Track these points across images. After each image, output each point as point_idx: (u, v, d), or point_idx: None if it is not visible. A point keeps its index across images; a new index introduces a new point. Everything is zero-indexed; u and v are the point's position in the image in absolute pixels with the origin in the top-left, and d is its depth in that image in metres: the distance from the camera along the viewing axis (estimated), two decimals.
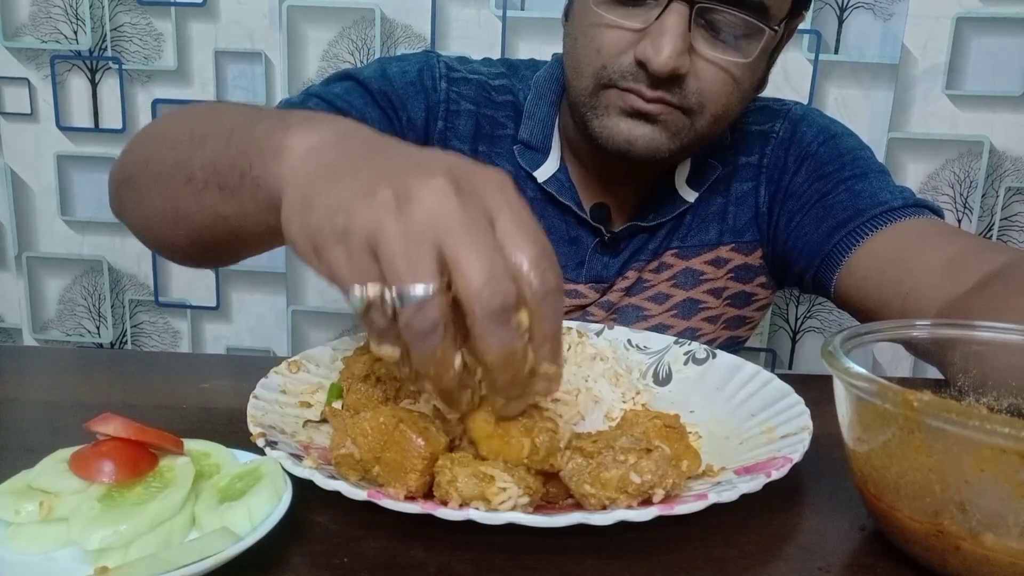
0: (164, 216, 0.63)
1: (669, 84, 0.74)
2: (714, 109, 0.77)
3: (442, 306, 0.39)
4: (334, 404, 0.58)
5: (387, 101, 0.84)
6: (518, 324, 0.40)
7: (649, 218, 0.87)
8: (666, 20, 0.71)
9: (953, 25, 1.38)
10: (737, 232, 0.90)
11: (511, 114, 0.89)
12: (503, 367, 0.41)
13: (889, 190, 0.83)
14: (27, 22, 1.52)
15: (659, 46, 0.71)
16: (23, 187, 1.60)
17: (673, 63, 0.71)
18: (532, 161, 0.87)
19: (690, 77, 0.74)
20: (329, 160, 0.46)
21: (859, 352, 0.49)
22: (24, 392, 0.67)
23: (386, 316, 0.40)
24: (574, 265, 0.89)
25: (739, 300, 0.92)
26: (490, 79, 0.90)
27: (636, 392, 0.62)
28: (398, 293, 0.39)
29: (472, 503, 0.43)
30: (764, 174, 0.89)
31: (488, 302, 0.38)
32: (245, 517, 0.41)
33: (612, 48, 0.75)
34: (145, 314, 1.66)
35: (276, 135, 0.50)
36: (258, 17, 1.48)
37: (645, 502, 0.44)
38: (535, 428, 0.45)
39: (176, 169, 0.60)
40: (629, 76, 0.75)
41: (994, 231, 1.48)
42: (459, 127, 0.87)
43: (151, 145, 0.66)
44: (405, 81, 0.85)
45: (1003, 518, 0.38)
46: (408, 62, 0.88)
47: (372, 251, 0.39)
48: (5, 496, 0.42)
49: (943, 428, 0.38)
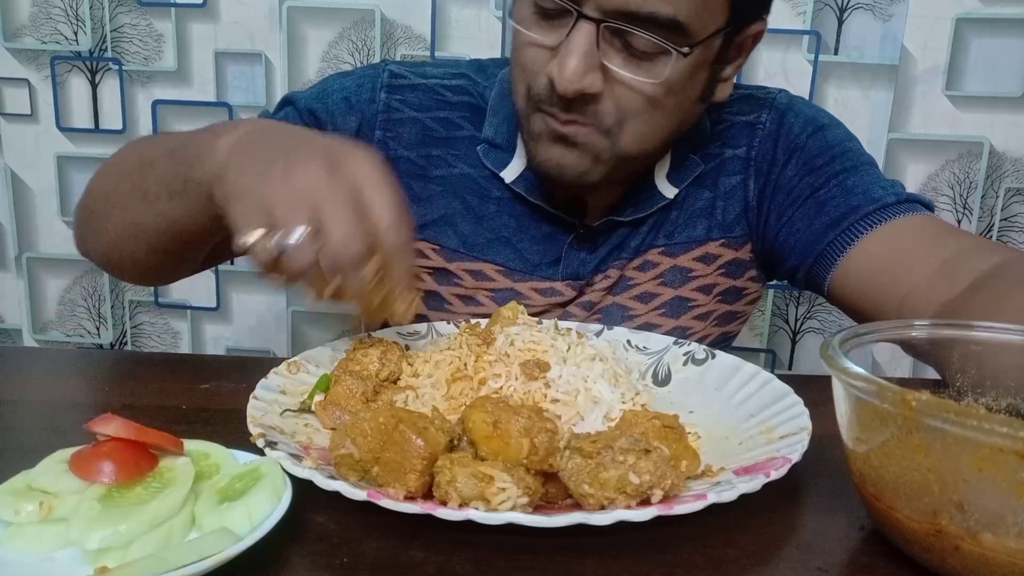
0: (125, 234, 0.75)
1: (581, 105, 0.72)
2: (637, 126, 0.74)
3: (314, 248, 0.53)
4: (317, 396, 0.59)
5: (313, 119, 0.87)
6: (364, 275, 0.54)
7: (626, 213, 0.86)
8: (572, 39, 0.69)
9: (953, 25, 1.38)
10: (726, 227, 0.89)
11: (467, 114, 0.89)
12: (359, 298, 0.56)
13: (881, 185, 0.82)
14: (27, 23, 1.52)
15: (563, 65, 0.69)
16: (23, 187, 1.60)
17: (577, 83, 0.70)
18: (497, 161, 0.87)
19: (605, 97, 0.72)
20: (244, 150, 0.60)
21: (858, 352, 0.49)
22: (24, 392, 0.67)
23: (270, 253, 0.54)
24: (549, 262, 0.87)
25: (730, 296, 0.92)
26: (443, 80, 0.90)
27: (635, 392, 0.62)
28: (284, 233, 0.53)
29: (471, 503, 0.43)
30: (752, 167, 0.88)
31: (341, 257, 0.53)
32: (245, 517, 0.41)
33: (532, 66, 0.74)
34: (145, 315, 1.66)
35: (206, 143, 0.63)
36: (258, 17, 1.48)
37: (644, 502, 0.44)
38: (534, 429, 0.46)
39: (133, 191, 0.72)
40: (546, 97, 0.74)
41: (994, 231, 1.48)
42: (402, 134, 0.88)
43: (108, 181, 0.78)
44: (339, 97, 0.88)
45: (1002, 518, 0.38)
46: (350, 77, 0.90)
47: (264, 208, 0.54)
48: (5, 496, 0.43)
49: (942, 428, 0.38)
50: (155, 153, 0.72)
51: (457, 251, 0.88)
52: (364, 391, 0.59)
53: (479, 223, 0.87)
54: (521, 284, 0.87)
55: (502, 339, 0.63)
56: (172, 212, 0.68)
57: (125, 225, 0.75)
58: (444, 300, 0.89)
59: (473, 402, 0.49)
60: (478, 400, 0.49)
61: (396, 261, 0.56)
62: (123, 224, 0.75)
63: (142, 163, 0.73)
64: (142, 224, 0.73)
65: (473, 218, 0.88)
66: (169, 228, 0.71)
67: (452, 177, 0.88)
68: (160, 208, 0.69)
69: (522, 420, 0.46)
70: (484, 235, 0.87)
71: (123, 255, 0.78)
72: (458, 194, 0.88)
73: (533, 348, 0.62)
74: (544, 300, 0.88)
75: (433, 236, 0.88)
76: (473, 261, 0.88)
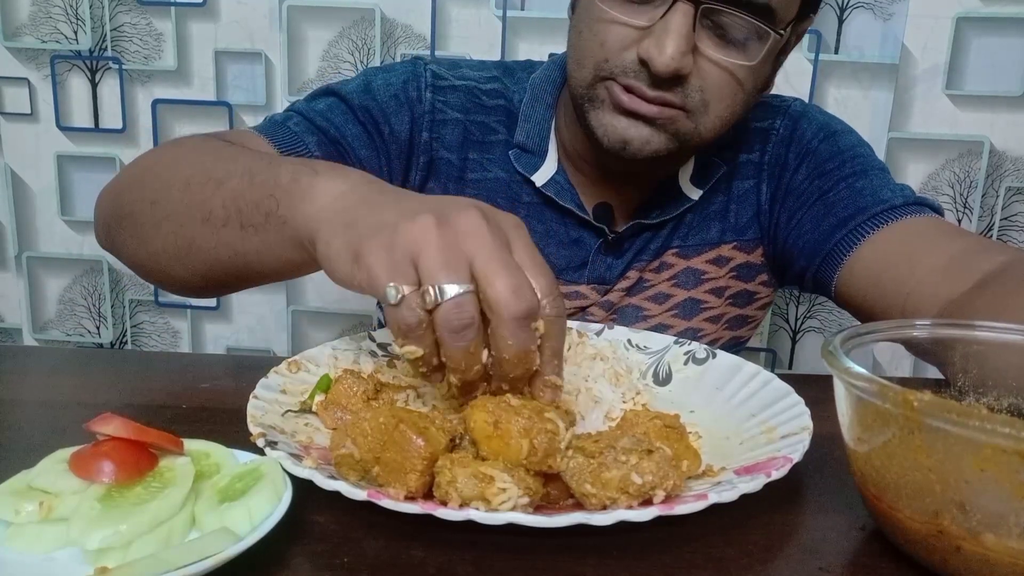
0: (175, 252, 0.67)
1: (670, 84, 0.74)
2: (718, 110, 0.76)
3: (476, 304, 0.46)
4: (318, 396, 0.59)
5: (368, 116, 0.84)
6: (535, 329, 0.47)
7: (653, 215, 0.87)
8: (671, 19, 0.71)
9: (953, 25, 1.38)
10: (739, 230, 0.90)
11: (503, 118, 0.89)
12: (518, 363, 0.48)
13: (890, 188, 0.83)
14: (27, 22, 1.52)
15: (663, 45, 0.71)
16: (23, 187, 1.60)
17: (676, 64, 0.71)
18: (529, 165, 0.87)
19: (693, 77, 0.74)
20: (360, 200, 0.52)
21: (859, 352, 0.49)
22: (24, 392, 0.67)
23: (416, 314, 0.46)
24: (575, 267, 0.88)
25: (741, 299, 0.92)
26: (480, 83, 0.90)
27: (636, 392, 0.62)
28: (439, 290, 0.45)
29: (472, 503, 0.43)
30: (765, 171, 0.89)
31: (516, 308, 0.45)
32: (245, 517, 0.41)
33: (616, 43, 0.75)
34: (145, 314, 1.66)
35: (303, 179, 0.55)
36: (258, 17, 1.48)
37: (645, 502, 0.44)
38: (534, 429, 0.45)
39: (193, 208, 0.63)
40: (631, 73, 0.74)
41: (994, 231, 1.48)
42: (445, 136, 0.87)
43: (155, 185, 0.68)
44: (389, 94, 0.85)
45: (1003, 518, 0.38)
46: (393, 73, 0.87)
47: (412, 260, 0.46)
48: (5, 496, 0.42)
49: (943, 428, 0.38)
50: (225, 170, 0.63)
51: None
52: (365, 391, 0.59)
53: None
54: None
55: None
56: (242, 245, 0.60)
57: (178, 245, 0.66)
58: None
59: (474, 402, 0.49)
60: (479, 400, 0.49)
61: (552, 335, 0.48)
62: (174, 240, 0.66)
63: (208, 177, 0.63)
64: (200, 248, 0.64)
65: None
66: (233, 260, 0.62)
67: (486, 181, 0.88)
68: (227, 237, 0.61)
69: (522, 420, 0.46)
70: None
71: (167, 269, 0.70)
72: (491, 198, 0.88)
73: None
74: (568, 304, 0.88)
75: None
76: None
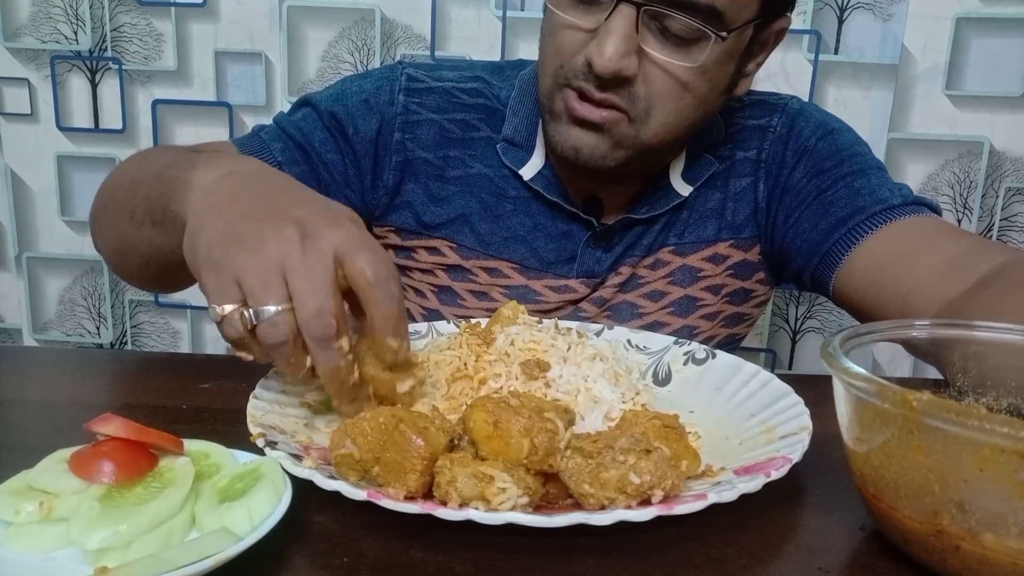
0: (119, 249, 0.77)
1: (616, 86, 0.74)
2: (662, 116, 0.76)
3: (292, 321, 0.50)
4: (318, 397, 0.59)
5: (334, 121, 0.88)
6: (339, 347, 0.51)
7: (642, 210, 0.87)
8: (612, 21, 0.72)
9: (953, 25, 1.38)
10: (736, 228, 0.90)
11: (483, 116, 0.90)
12: (330, 379, 0.53)
13: (888, 187, 0.83)
14: (27, 22, 1.52)
15: (603, 47, 0.72)
16: (23, 187, 1.60)
17: (615, 65, 0.72)
18: (517, 159, 0.88)
19: (638, 81, 0.74)
20: (216, 198, 0.56)
21: (859, 352, 0.49)
22: (24, 392, 0.67)
23: (236, 330, 0.51)
24: (565, 260, 0.89)
25: (737, 297, 0.92)
26: (459, 83, 0.92)
27: (636, 392, 0.62)
28: (253, 312, 0.50)
29: (472, 503, 0.43)
30: (762, 169, 0.89)
31: (314, 331, 0.50)
32: (245, 517, 0.41)
33: (568, 48, 0.76)
34: (145, 314, 1.66)
35: (184, 174, 0.60)
36: (258, 17, 1.48)
37: (644, 502, 0.44)
38: (534, 429, 0.46)
39: (122, 209, 0.72)
40: (581, 76, 0.75)
41: (994, 231, 1.48)
42: (420, 136, 0.89)
43: (110, 191, 0.78)
44: (359, 100, 0.89)
45: (1002, 518, 0.38)
46: (368, 79, 0.91)
47: (236, 281, 0.51)
48: (5, 496, 0.42)
49: (942, 428, 0.38)
50: (144, 172, 0.71)
51: (473, 249, 0.89)
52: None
53: (495, 222, 0.89)
54: (535, 281, 0.89)
55: (502, 339, 0.63)
56: (156, 240, 0.67)
57: (117, 240, 0.76)
58: (458, 296, 0.90)
59: (474, 402, 0.49)
60: (479, 400, 0.49)
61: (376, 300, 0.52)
62: (116, 238, 0.76)
63: (133, 181, 0.72)
64: (130, 243, 0.73)
65: (490, 217, 0.89)
66: (154, 254, 0.70)
67: (469, 177, 0.89)
68: (145, 233, 0.69)
69: (522, 420, 0.46)
70: (500, 233, 0.89)
71: (122, 264, 0.80)
72: (475, 194, 0.89)
73: (533, 348, 0.62)
74: (558, 297, 0.89)
75: (450, 235, 0.89)
76: (489, 259, 0.89)
